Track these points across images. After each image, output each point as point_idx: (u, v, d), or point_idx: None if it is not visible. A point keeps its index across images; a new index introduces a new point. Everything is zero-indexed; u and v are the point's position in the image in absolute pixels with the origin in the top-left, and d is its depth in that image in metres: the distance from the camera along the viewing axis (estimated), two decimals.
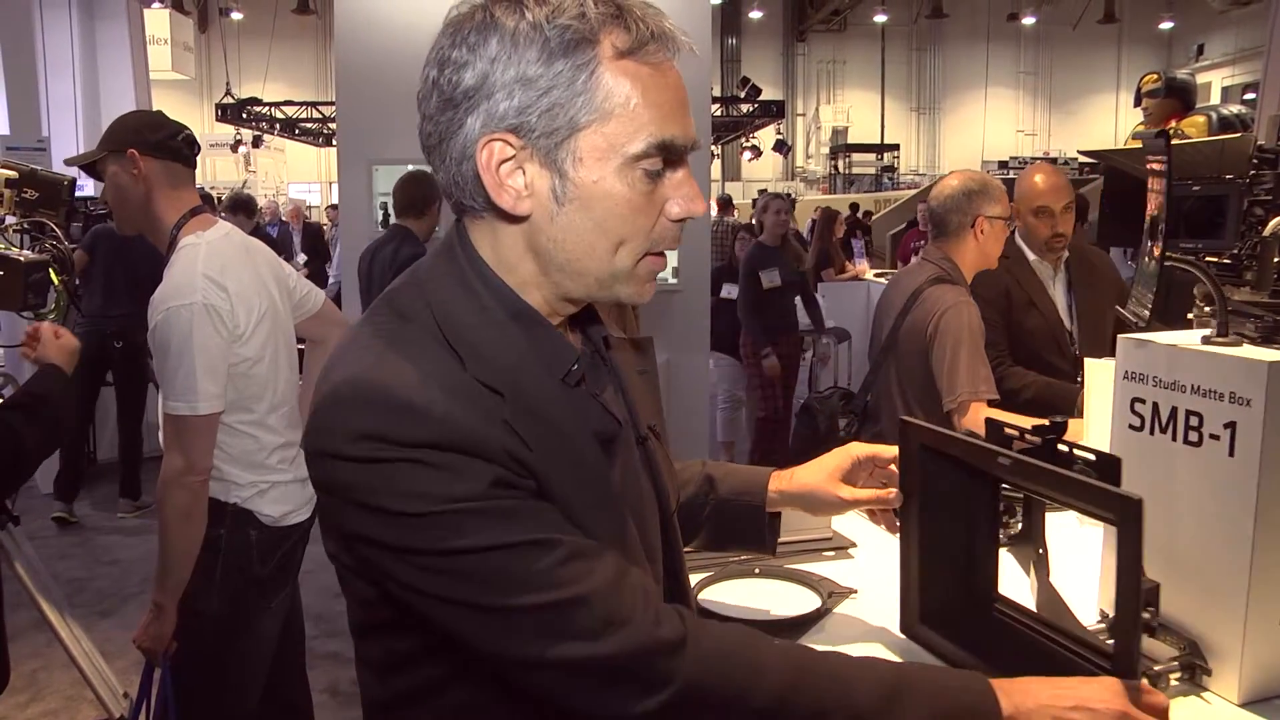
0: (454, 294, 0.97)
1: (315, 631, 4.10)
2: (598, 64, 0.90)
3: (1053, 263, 3.17)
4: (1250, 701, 1.18)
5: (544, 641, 0.88)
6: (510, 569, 0.88)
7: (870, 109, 30.03)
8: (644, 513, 1.08)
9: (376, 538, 0.90)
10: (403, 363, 0.90)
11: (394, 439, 0.86)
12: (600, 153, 0.92)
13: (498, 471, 0.88)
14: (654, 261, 0.98)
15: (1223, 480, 1.16)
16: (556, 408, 0.96)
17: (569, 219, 0.94)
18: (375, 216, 5.34)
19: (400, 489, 0.87)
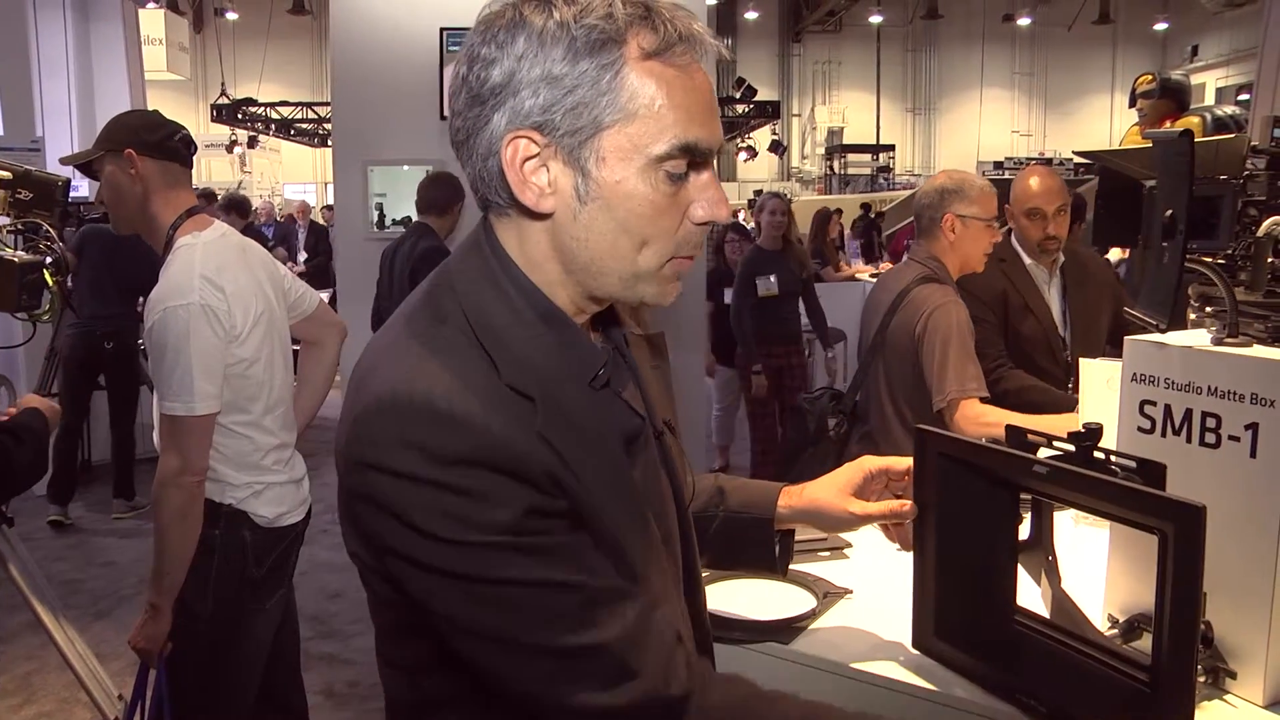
0: (484, 294, 0.97)
1: (310, 633, 4.09)
2: (623, 64, 0.90)
3: (1048, 266, 3.17)
4: (1275, 703, 1.18)
5: (559, 686, 0.90)
6: (534, 608, 0.88)
7: (866, 110, 30.04)
8: (664, 509, 1.08)
9: (407, 553, 0.90)
10: (441, 370, 0.90)
11: (434, 453, 0.87)
12: (624, 153, 0.92)
13: (533, 498, 0.89)
14: (679, 264, 0.98)
15: (1244, 481, 1.16)
16: (586, 412, 0.96)
17: (592, 218, 0.94)
18: (371, 217, 5.33)
19: (436, 510, 0.87)
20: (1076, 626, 1.20)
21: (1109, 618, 1.33)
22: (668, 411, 1.15)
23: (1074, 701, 1.08)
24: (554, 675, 0.90)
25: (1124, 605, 1.31)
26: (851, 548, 1.73)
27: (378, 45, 5.18)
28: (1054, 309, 3.16)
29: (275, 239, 10.31)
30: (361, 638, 4.10)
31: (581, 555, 0.91)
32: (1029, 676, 1.13)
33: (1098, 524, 1.49)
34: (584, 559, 0.91)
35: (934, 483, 1.19)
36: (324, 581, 4.72)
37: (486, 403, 0.89)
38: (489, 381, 0.91)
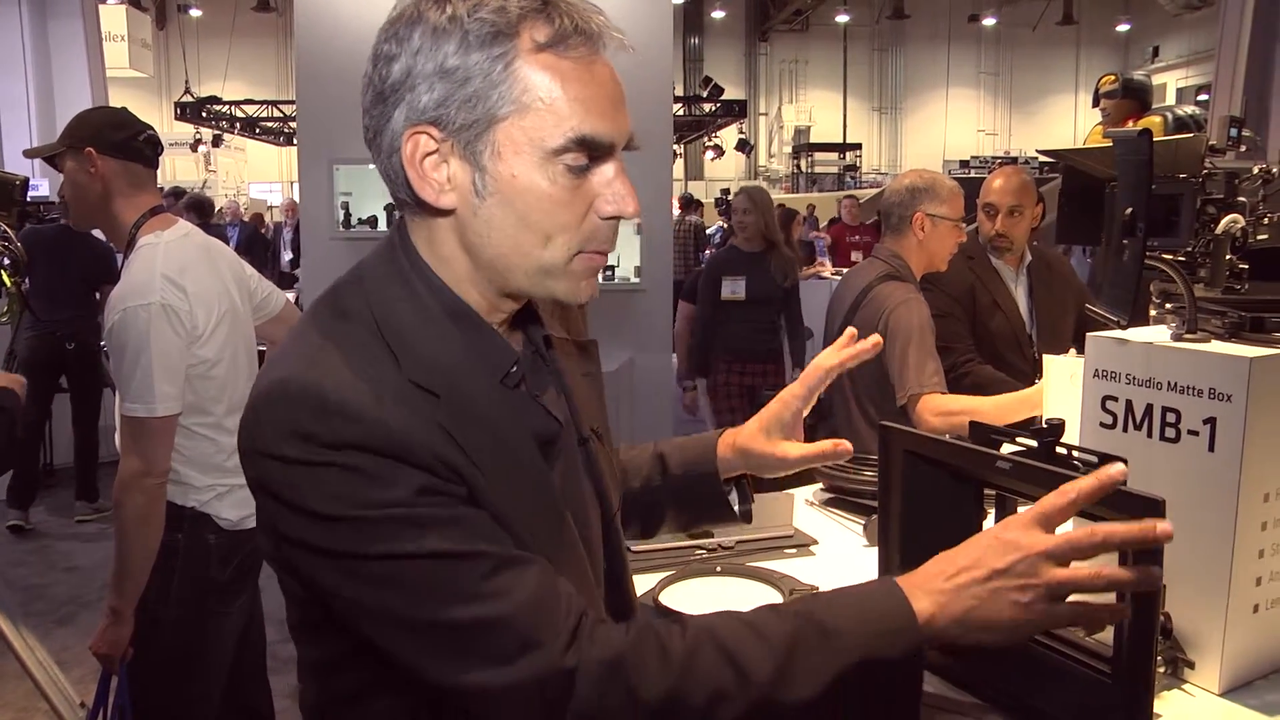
0: (393, 292, 0.97)
1: (278, 636, 4.01)
2: (515, 56, 0.91)
3: (1014, 264, 3.21)
4: (1230, 690, 1.20)
5: (459, 660, 0.88)
6: (430, 580, 0.88)
7: (833, 108, 30.21)
8: (586, 514, 1.07)
9: (301, 538, 0.90)
10: (338, 363, 0.91)
11: (324, 440, 0.87)
12: (519, 146, 0.92)
13: (426, 479, 0.88)
14: (590, 259, 0.97)
15: (1202, 475, 1.18)
16: (494, 409, 0.96)
17: (491, 213, 0.94)
18: (337, 216, 5.29)
19: (327, 491, 0.87)
20: None
21: None
22: (597, 419, 1.14)
23: (1037, 694, 1.09)
24: (453, 650, 0.88)
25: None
26: (818, 544, 1.74)
27: (343, 42, 5.15)
28: (1021, 307, 3.21)
29: (240, 242, 10.23)
30: None
31: (478, 527, 0.90)
32: (993, 670, 1.14)
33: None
34: (480, 530, 0.90)
35: (898, 479, 1.19)
36: None
37: (382, 395, 0.89)
38: (388, 375, 0.91)
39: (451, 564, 0.88)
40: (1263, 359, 1.14)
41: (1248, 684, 1.22)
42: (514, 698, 0.88)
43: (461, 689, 0.89)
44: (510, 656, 0.88)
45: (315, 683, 1.04)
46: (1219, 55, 7.06)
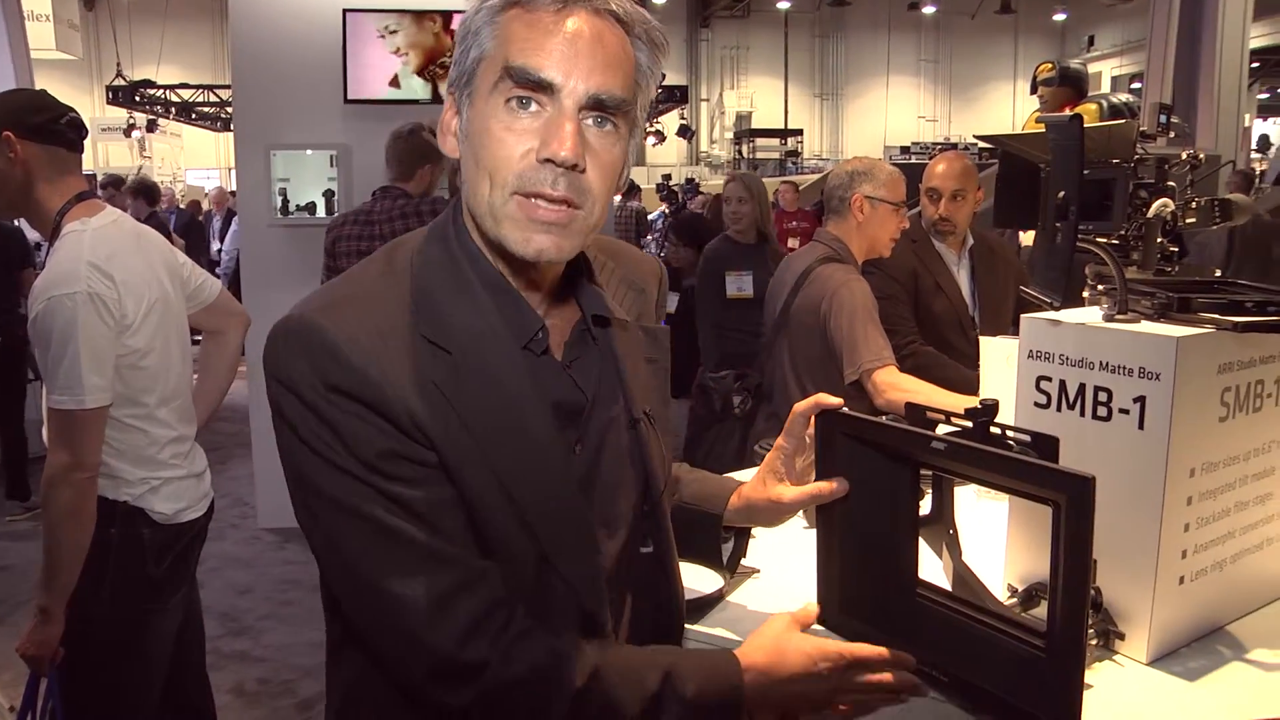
0: (435, 254, 1.06)
1: (221, 630, 3.99)
2: (499, 13, 1.00)
3: (957, 247, 3.26)
4: (1157, 659, 1.24)
5: (376, 620, 1.00)
6: (364, 543, 0.98)
7: (774, 95, 30.33)
8: (617, 493, 1.13)
9: (292, 459, 1.01)
10: (352, 309, 1.00)
11: (314, 379, 0.96)
12: (480, 89, 1.01)
13: (394, 442, 0.97)
14: (526, 205, 0.99)
15: (1133, 452, 1.20)
16: (511, 372, 1.03)
17: (465, 155, 1.03)
18: (274, 203, 5.18)
19: (308, 426, 0.97)
20: (976, 597, 1.23)
21: (1009, 587, 1.37)
22: (654, 403, 1.18)
23: (974, 669, 1.10)
24: (373, 611, 1.00)
25: (1023, 575, 1.35)
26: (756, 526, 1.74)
27: (279, 26, 5.05)
28: (963, 289, 3.26)
29: (177, 229, 10.02)
30: (272, 633, 4.02)
31: (426, 510, 0.98)
32: (931, 647, 1.16)
33: (998, 498, 1.53)
34: (428, 514, 0.98)
35: (836, 461, 1.20)
36: (233, 578, 4.61)
37: (383, 346, 0.98)
38: (399, 328, 1.00)
39: (386, 537, 0.97)
40: (1189, 338, 1.17)
41: (1173, 652, 1.26)
42: (402, 669, 1.01)
43: (368, 642, 1.03)
44: (408, 634, 0.98)
45: (330, 616, 1.14)
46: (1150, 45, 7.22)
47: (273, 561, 4.82)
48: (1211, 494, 1.25)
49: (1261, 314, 1.23)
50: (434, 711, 1.02)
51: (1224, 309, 1.23)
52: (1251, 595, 1.37)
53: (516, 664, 0.99)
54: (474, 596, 0.99)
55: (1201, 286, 1.37)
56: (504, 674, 0.98)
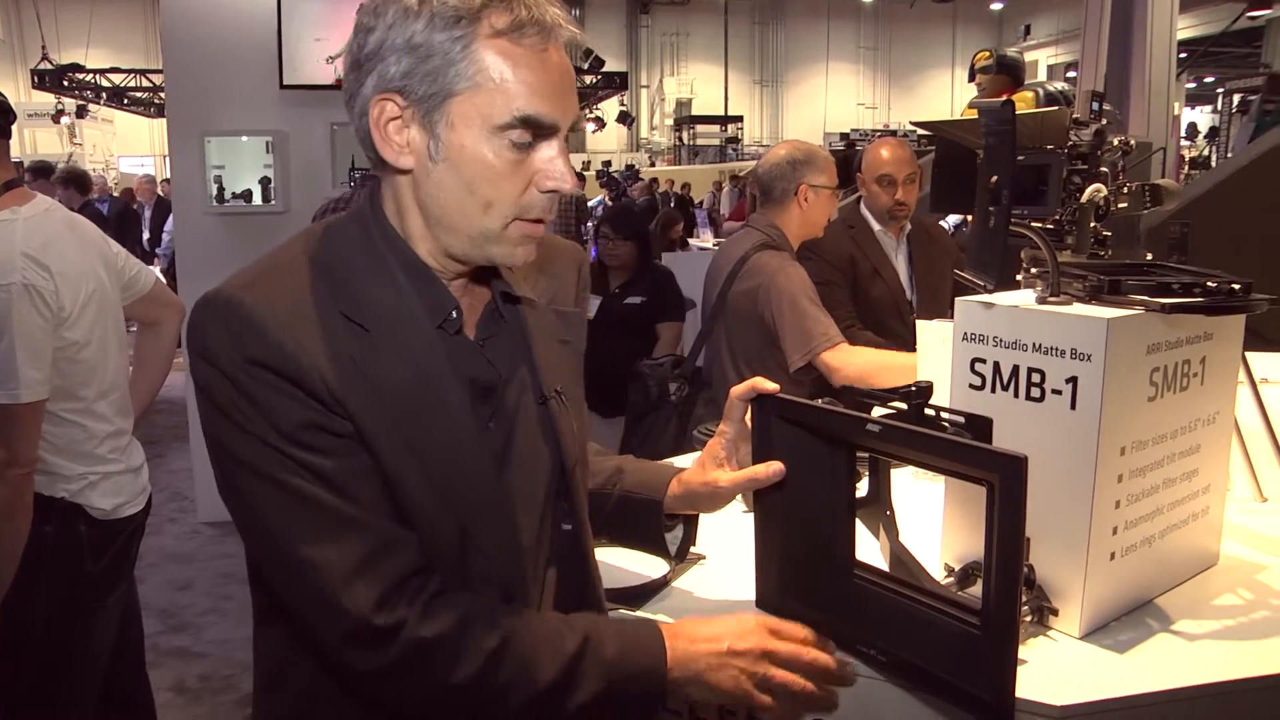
0: (352, 238, 1.10)
1: (161, 627, 3.93)
2: (474, 39, 1.01)
3: (895, 233, 3.30)
4: (1089, 633, 1.27)
5: (290, 588, 1.04)
6: (281, 510, 1.01)
7: (714, 82, 30.41)
8: (533, 468, 1.17)
9: (213, 431, 1.03)
10: (271, 286, 1.03)
11: (233, 351, 0.99)
12: (469, 120, 1.02)
13: (312, 412, 1.00)
14: (525, 226, 1.07)
15: (1066, 433, 1.23)
16: (426, 351, 1.07)
17: (441, 176, 1.05)
18: (210, 191, 5.09)
19: (228, 396, 1.00)
20: (913, 577, 1.25)
21: (945, 567, 1.40)
22: (566, 383, 1.22)
23: (912, 649, 1.13)
24: (290, 577, 1.03)
25: (959, 555, 1.38)
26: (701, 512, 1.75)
27: (212, 9, 4.95)
28: (901, 274, 3.30)
29: (111, 218, 9.77)
30: (214, 628, 3.97)
31: (344, 479, 1.01)
32: (868, 627, 1.18)
33: (935, 479, 1.56)
34: (346, 483, 1.02)
35: (772, 445, 1.21)
36: (172, 573, 4.54)
37: (298, 321, 1.01)
38: (318, 305, 1.03)
39: (303, 504, 1.00)
40: (1119, 320, 1.20)
41: (1104, 626, 1.29)
42: (320, 635, 1.03)
43: (287, 609, 1.05)
44: (324, 600, 1.00)
45: (255, 584, 1.16)
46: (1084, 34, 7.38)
47: (212, 556, 4.75)
48: (1141, 471, 1.28)
49: (1188, 296, 1.27)
50: (354, 680, 1.05)
51: (1153, 291, 1.26)
52: (1178, 569, 1.42)
53: (433, 623, 1.02)
54: (390, 561, 1.02)
55: (1132, 269, 1.41)
56: (420, 632, 1.01)
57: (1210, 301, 1.27)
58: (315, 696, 1.12)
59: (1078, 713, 1.12)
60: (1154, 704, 1.15)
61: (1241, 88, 18.07)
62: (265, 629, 1.18)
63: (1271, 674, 1.19)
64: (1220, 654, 1.24)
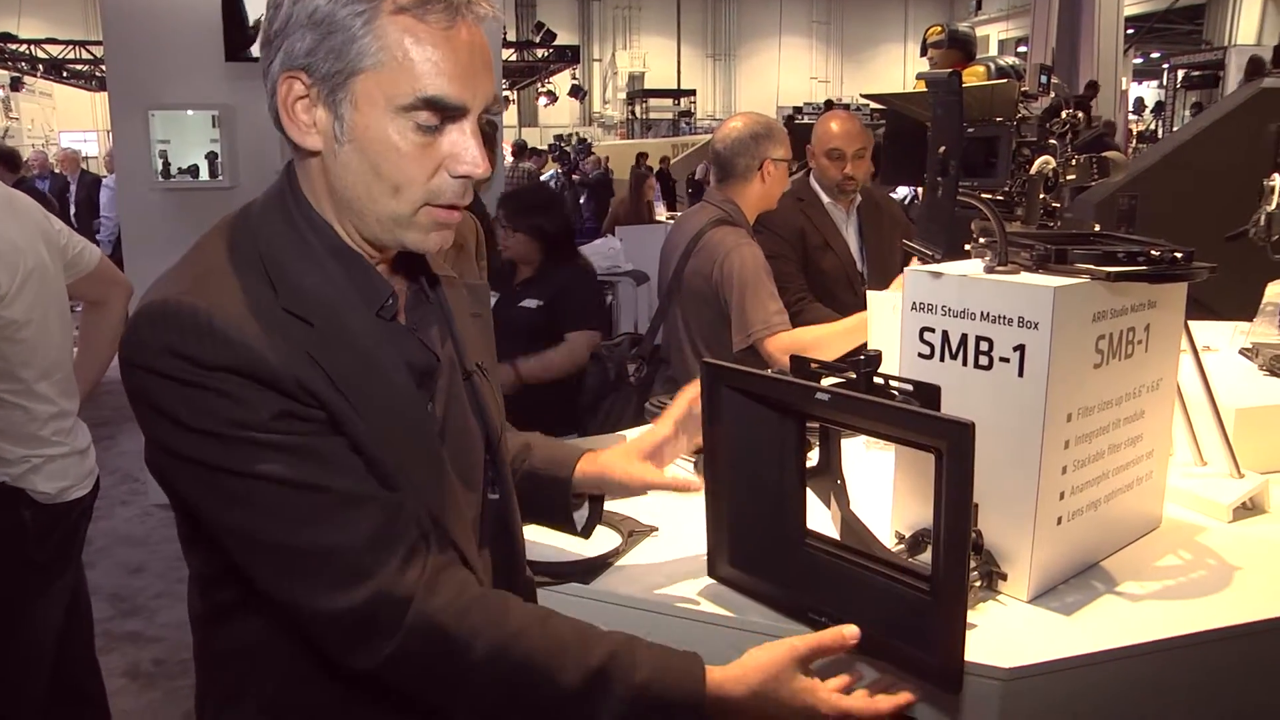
0: (278, 227, 1.05)
1: (112, 612, 3.87)
2: (377, 15, 0.96)
3: (845, 206, 3.31)
4: (1037, 596, 1.30)
5: (297, 581, 0.98)
6: (276, 503, 0.97)
7: (667, 55, 30.28)
8: (466, 443, 1.16)
9: (173, 447, 0.98)
10: (216, 289, 0.99)
11: (197, 360, 0.94)
12: (373, 99, 0.98)
13: (286, 403, 0.97)
14: (437, 213, 1.03)
15: (1013, 400, 1.25)
16: (369, 340, 1.04)
17: (348, 158, 1.01)
18: (155, 166, 4.98)
19: (196, 406, 0.95)
20: (864, 545, 1.27)
21: (896, 534, 1.42)
22: (483, 356, 1.23)
23: (862, 615, 1.14)
24: (291, 571, 0.98)
25: (910, 522, 1.40)
26: None
27: None
28: (852, 246, 3.31)
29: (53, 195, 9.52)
30: (167, 612, 3.91)
31: (331, 457, 0.99)
32: (820, 596, 1.19)
33: (887, 448, 1.58)
34: (333, 461, 0.99)
35: (723, 415, 1.22)
36: (124, 556, 4.47)
37: (254, 321, 0.97)
38: (264, 303, 0.99)
39: (296, 492, 0.97)
40: (1065, 288, 1.22)
41: (1052, 589, 1.32)
42: (343, 624, 0.98)
43: (298, 609, 0.99)
44: (344, 585, 0.97)
45: (199, 593, 1.12)
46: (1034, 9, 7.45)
47: (166, 538, 4.68)
48: (1087, 437, 1.31)
49: (1132, 264, 1.29)
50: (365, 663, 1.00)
51: (1098, 260, 1.28)
52: (1123, 532, 1.45)
53: (438, 595, 1.00)
54: (405, 530, 1.01)
55: (1078, 239, 1.43)
56: (425, 605, 0.99)
57: (1153, 270, 1.30)
58: (282, 707, 1.08)
59: (1026, 674, 1.14)
60: (1100, 663, 1.18)
61: (1186, 63, 18.36)
62: (219, 634, 1.12)
63: (1210, 629, 1.23)
64: (1162, 613, 1.27)
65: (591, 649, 1.03)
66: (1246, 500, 1.59)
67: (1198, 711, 1.26)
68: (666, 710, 1.01)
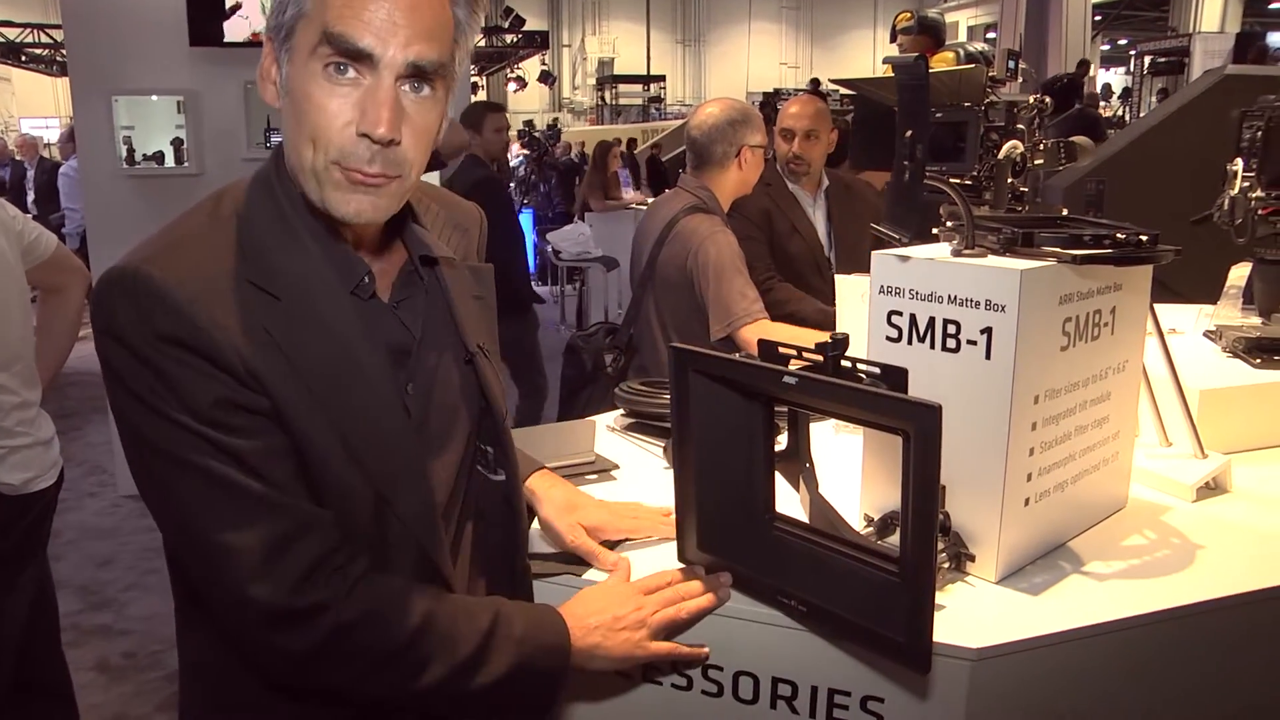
0: (261, 199, 1.06)
1: (80, 605, 3.84)
2: None
3: (811, 190, 3.32)
4: (1004, 577, 1.31)
5: (203, 570, 1.01)
6: (195, 494, 0.98)
7: (636, 41, 30.20)
8: (449, 430, 1.17)
9: (123, 412, 0.99)
10: (180, 257, 0.99)
11: (143, 328, 0.95)
12: (300, 47, 0.99)
13: (227, 390, 0.97)
14: (345, 174, 1.00)
15: (981, 382, 1.25)
16: (341, 318, 1.04)
17: (286, 111, 1.02)
18: (119, 152, 4.91)
19: (144, 380, 0.96)
20: (833, 528, 1.27)
21: (865, 517, 1.43)
22: (484, 338, 1.22)
23: (832, 598, 1.15)
24: (206, 564, 1.00)
25: (878, 505, 1.40)
26: (620, 469, 1.75)
27: None
28: (819, 230, 3.32)
29: (13, 182, 9.34)
30: (137, 604, 3.88)
31: (258, 460, 0.99)
32: (789, 579, 1.19)
33: (856, 431, 1.58)
34: (260, 464, 0.99)
35: (691, 400, 1.21)
36: (93, 549, 4.42)
37: (211, 292, 0.97)
38: (228, 274, 0.99)
39: (217, 488, 0.97)
40: (1032, 271, 1.23)
41: (1020, 570, 1.33)
42: (239, 620, 1.01)
43: (204, 596, 1.03)
44: (242, 584, 0.98)
45: (177, 573, 1.13)
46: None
47: (135, 529, 4.63)
48: (1054, 419, 1.32)
49: (1098, 247, 1.30)
50: (277, 665, 1.04)
51: (1064, 243, 1.29)
52: (1089, 513, 1.47)
53: (359, 604, 1.02)
54: (308, 543, 1.01)
55: (1044, 223, 1.44)
56: (346, 614, 1.01)
57: (1119, 252, 1.30)
58: (239, 684, 1.10)
59: (994, 654, 1.15)
60: (1067, 641, 1.19)
61: (1152, 50, 18.52)
62: (185, 617, 1.15)
63: (1174, 607, 1.24)
64: (1128, 592, 1.28)
65: (477, 615, 1.10)
66: (1209, 480, 1.61)
67: (1164, 687, 1.28)
68: (543, 651, 1.12)
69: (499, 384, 1.23)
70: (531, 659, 1.11)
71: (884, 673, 1.18)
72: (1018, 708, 1.20)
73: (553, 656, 1.13)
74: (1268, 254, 2.06)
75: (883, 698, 1.19)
